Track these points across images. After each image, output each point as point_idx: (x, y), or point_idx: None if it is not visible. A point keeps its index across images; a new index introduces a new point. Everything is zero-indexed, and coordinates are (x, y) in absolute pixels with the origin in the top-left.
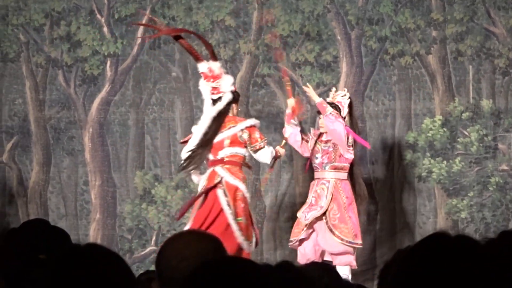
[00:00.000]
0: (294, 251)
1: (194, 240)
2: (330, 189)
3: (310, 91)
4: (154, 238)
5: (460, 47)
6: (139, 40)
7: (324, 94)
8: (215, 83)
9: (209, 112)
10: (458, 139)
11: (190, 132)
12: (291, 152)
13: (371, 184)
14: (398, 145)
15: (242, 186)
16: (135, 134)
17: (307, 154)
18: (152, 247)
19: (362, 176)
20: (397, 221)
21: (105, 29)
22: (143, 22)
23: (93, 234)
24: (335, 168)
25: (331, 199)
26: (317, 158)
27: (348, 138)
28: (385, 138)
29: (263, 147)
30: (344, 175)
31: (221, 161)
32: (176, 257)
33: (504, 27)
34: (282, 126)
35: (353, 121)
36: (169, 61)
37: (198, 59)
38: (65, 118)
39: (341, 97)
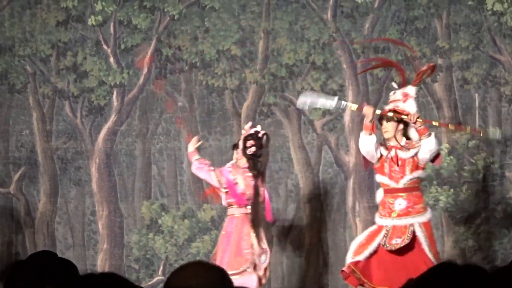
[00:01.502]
0: (302, 280)
1: (200, 270)
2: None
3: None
4: (161, 268)
5: (466, 75)
6: (145, 70)
7: (330, 123)
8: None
9: None
10: (465, 167)
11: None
12: (298, 182)
13: None
14: None
15: None
16: (141, 164)
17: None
18: (159, 277)
19: None
20: None
21: (111, 59)
22: (149, 52)
23: (101, 264)
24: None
25: None
26: (245, 193)
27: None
28: None
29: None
30: None
31: None
32: None
33: (510, 55)
34: (289, 154)
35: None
36: (175, 91)
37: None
38: (72, 148)
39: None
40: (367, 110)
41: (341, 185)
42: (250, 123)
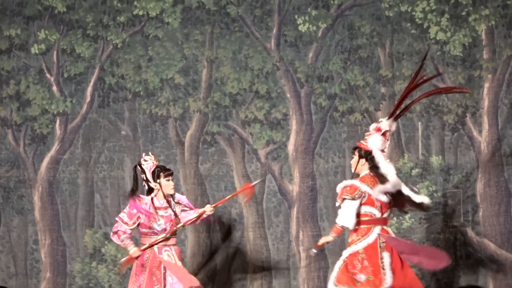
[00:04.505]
0: None
1: None
2: (176, 256)
3: None
4: None
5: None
6: (88, 99)
7: (273, 152)
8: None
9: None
10: None
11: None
12: (242, 211)
13: None
14: None
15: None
16: (84, 192)
17: None
18: None
19: None
20: None
21: (54, 88)
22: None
23: None
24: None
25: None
26: (159, 224)
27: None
28: (335, 195)
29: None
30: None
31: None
32: None
33: (453, 84)
34: (232, 183)
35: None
36: (118, 120)
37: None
38: (15, 177)
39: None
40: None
41: (285, 214)
42: None
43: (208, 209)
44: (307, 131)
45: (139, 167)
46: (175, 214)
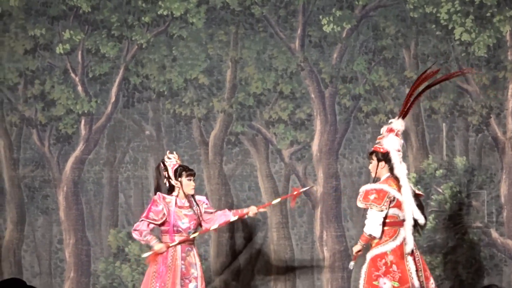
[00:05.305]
0: None
1: None
2: (196, 256)
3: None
4: None
5: (433, 105)
6: (113, 99)
7: (298, 153)
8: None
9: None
10: (432, 197)
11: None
12: (266, 211)
13: (346, 242)
14: None
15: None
16: (109, 192)
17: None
18: None
19: None
20: None
21: (79, 88)
22: (118, 79)
23: None
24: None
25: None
26: (183, 222)
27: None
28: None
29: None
30: None
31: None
32: None
33: (477, 85)
34: (256, 184)
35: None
36: (142, 120)
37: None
38: (40, 176)
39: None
40: None
41: (309, 214)
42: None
43: (253, 212)
44: (331, 132)
45: (162, 165)
46: (199, 213)
